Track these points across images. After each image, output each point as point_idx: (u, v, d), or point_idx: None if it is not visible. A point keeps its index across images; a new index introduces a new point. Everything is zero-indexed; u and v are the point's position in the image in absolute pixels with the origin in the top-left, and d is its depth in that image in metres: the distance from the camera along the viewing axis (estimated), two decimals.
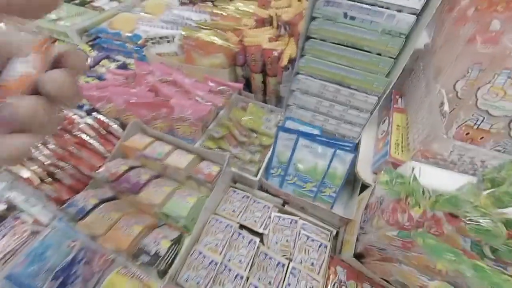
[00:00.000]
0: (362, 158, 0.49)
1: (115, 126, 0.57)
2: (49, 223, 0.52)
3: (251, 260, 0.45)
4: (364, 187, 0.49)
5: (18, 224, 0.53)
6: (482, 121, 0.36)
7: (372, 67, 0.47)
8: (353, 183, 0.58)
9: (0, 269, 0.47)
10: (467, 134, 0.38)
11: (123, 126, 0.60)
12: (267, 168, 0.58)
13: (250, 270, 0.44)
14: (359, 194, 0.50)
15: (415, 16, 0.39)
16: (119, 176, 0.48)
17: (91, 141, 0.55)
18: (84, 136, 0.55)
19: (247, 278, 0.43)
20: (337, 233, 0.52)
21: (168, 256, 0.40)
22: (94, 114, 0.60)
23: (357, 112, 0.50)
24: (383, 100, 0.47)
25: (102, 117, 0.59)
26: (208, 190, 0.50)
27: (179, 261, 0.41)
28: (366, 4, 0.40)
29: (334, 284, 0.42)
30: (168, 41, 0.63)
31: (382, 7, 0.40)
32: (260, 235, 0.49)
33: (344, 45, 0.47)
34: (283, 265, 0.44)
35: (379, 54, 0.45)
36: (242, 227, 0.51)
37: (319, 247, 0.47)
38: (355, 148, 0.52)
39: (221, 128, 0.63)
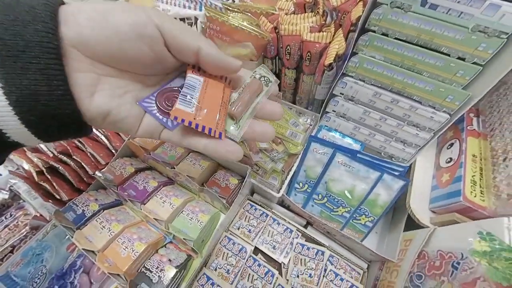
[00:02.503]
0: (417, 189, 0.39)
1: None
2: (50, 219, 0.48)
3: None
4: (409, 219, 0.40)
5: (21, 216, 0.50)
6: None
7: (447, 75, 0.36)
8: (392, 212, 0.49)
9: None
10: None
11: None
12: (291, 182, 0.50)
13: None
14: (404, 228, 0.41)
15: None
16: (124, 180, 0.42)
17: (98, 133, 0.49)
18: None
19: None
20: (368, 266, 0.44)
21: (172, 286, 0.34)
22: None
23: (415, 130, 0.40)
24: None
25: None
26: (222, 204, 0.43)
27: None
28: None
29: None
30: (190, 24, 0.55)
31: None
32: (278, 263, 0.42)
33: (413, 43, 0.36)
34: None
35: (462, 59, 0.34)
36: (257, 250, 0.44)
37: None
38: (406, 174, 0.42)
39: None
